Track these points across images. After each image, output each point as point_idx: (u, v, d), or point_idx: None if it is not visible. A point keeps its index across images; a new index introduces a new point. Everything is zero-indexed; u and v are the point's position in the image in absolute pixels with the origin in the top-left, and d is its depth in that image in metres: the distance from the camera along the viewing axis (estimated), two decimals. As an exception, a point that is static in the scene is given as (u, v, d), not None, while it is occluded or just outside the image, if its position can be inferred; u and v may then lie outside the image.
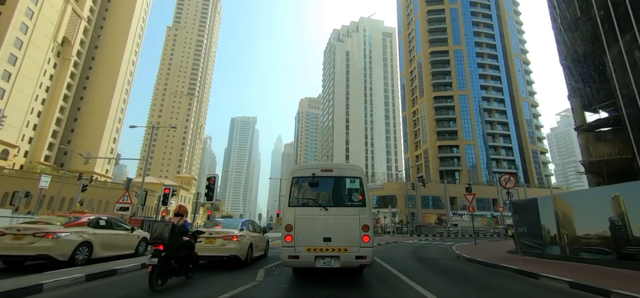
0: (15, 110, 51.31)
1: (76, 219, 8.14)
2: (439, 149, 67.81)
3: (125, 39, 78.51)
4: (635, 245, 7.46)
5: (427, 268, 8.77)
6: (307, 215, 6.20)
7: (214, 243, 7.90)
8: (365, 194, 6.39)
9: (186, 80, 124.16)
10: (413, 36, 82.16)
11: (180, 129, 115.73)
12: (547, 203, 10.79)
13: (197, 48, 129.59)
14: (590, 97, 14.94)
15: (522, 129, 69.09)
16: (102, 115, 71.81)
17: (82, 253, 7.64)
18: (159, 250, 5.39)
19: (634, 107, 11.67)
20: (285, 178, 13.75)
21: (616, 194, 8.01)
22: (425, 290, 5.59)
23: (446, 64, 73.09)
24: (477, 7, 76.51)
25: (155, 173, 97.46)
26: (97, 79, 73.27)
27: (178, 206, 6.43)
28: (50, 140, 61.88)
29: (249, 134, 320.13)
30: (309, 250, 5.91)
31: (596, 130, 14.87)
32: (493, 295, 5.84)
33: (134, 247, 9.91)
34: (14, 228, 7.46)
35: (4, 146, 50.34)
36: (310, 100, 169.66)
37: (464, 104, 69.06)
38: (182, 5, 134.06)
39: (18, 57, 51.21)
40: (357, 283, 6.25)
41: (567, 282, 6.17)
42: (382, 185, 59.02)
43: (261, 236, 10.53)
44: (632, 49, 11.67)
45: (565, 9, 15.80)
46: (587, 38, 14.49)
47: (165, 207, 24.05)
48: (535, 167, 67.52)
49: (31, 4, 53.23)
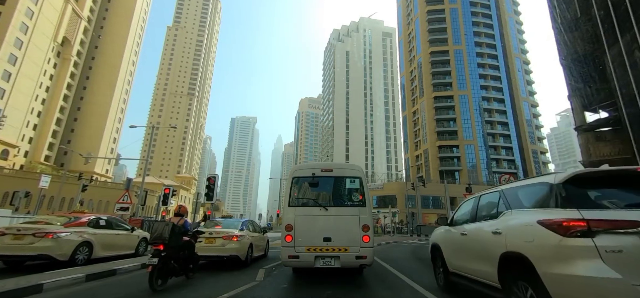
0: (15, 110, 51.32)
1: (76, 219, 8.14)
2: (439, 148, 67.82)
3: (125, 39, 78.55)
4: (635, 245, 7.42)
5: (427, 268, 8.76)
6: (307, 215, 6.20)
7: (214, 243, 7.89)
8: (365, 194, 6.39)
9: (186, 80, 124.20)
10: (413, 36, 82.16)
11: (180, 129, 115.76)
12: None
13: (197, 48, 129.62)
14: (590, 97, 14.94)
15: (522, 129, 69.10)
16: (102, 115, 71.86)
17: (82, 253, 7.64)
18: (159, 250, 5.39)
19: (634, 107, 11.67)
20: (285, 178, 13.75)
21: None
22: (425, 290, 5.59)
23: (446, 64, 73.11)
24: (477, 7, 76.52)
25: (155, 173, 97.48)
26: (97, 79, 73.31)
27: (178, 206, 6.44)
28: (50, 140, 61.91)
29: (249, 134, 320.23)
30: (309, 250, 5.91)
31: (596, 130, 14.87)
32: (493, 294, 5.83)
33: (134, 247, 9.92)
34: (14, 228, 7.46)
35: (4, 146, 50.35)
36: (310, 100, 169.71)
37: (464, 104, 69.07)
38: (182, 5, 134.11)
39: (18, 57, 51.23)
40: (357, 283, 6.24)
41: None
42: (382, 185, 59.03)
43: (261, 236, 10.53)
44: (632, 49, 11.67)
45: (565, 9, 15.81)
46: (587, 38, 14.50)
47: (165, 207, 24.05)
48: (535, 167, 67.52)
49: (31, 4, 53.24)
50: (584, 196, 2.88)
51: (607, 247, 2.45)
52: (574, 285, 2.54)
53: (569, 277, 2.57)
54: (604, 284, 2.36)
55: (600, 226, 2.56)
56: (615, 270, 2.36)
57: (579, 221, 2.63)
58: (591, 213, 2.66)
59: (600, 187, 2.99)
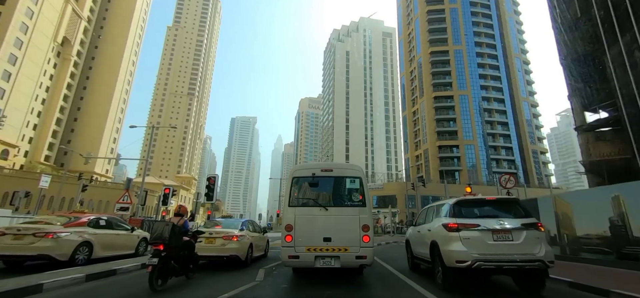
0: (16, 110, 51.31)
1: (76, 219, 8.14)
2: (439, 149, 67.80)
3: (125, 39, 78.53)
4: (635, 245, 7.46)
5: (427, 268, 8.76)
6: (307, 215, 6.20)
7: (214, 243, 7.90)
8: (365, 194, 6.39)
9: (186, 80, 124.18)
10: (413, 36, 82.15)
11: (180, 129, 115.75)
12: (547, 203, 10.79)
13: (197, 48, 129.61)
14: (590, 97, 14.94)
15: (522, 129, 69.09)
16: (102, 115, 71.85)
17: (82, 253, 7.64)
18: (159, 250, 5.39)
19: (634, 107, 11.67)
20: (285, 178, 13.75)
21: (616, 194, 8.01)
22: (425, 290, 5.59)
23: (446, 64, 73.08)
24: (477, 7, 76.50)
25: (155, 174, 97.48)
26: (97, 79, 73.30)
27: (178, 206, 6.44)
28: (50, 140, 61.90)
29: (249, 134, 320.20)
30: (309, 250, 5.91)
31: (596, 130, 14.87)
32: (493, 294, 5.84)
33: (134, 247, 9.92)
34: (14, 228, 7.47)
35: (4, 146, 50.35)
36: (310, 100, 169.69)
37: (464, 104, 69.06)
38: (182, 5, 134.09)
39: (18, 57, 51.22)
40: (357, 283, 6.25)
41: (566, 282, 6.17)
42: (382, 185, 59.01)
43: (261, 236, 10.54)
44: (632, 49, 11.67)
45: (565, 9, 15.81)
46: (587, 38, 14.50)
47: (165, 207, 24.05)
48: (535, 167, 67.53)
49: (31, 4, 53.23)
50: (459, 211, 5.67)
51: (463, 236, 5.22)
52: (451, 255, 5.24)
53: (450, 251, 5.28)
54: (460, 253, 5.11)
55: (462, 226, 5.31)
56: (465, 247, 5.13)
57: (454, 224, 5.40)
58: (460, 220, 5.42)
59: (467, 207, 5.80)
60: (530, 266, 4.97)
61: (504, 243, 5.12)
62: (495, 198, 6.05)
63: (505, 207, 5.71)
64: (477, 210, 5.73)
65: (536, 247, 5.10)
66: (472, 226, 5.25)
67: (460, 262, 5.05)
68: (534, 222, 5.34)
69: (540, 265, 4.95)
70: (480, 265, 4.92)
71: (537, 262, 4.96)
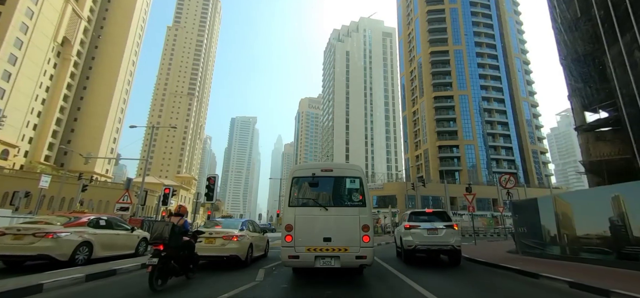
0: (15, 110, 51.30)
1: (76, 219, 8.14)
2: (439, 149, 67.80)
3: (125, 39, 78.51)
4: (635, 245, 7.46)
5: (427, 268, 8.77)
6: (307, 215, 6.20)
7: (214, 243, 7.90)
8: (365, 194, 6.39)
9: (186, 80, 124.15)
10: (413, 36, 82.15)
11: (180, 129, 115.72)
12: (547, 203, 10.79)
13: (197, 48, 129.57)
14: (590, 97, 14.93)
15: (522, 129, 69.09)
16: (102, 115, 71.83)
17: (82, 253, 7.64)
18: (159, 250, 5.39)
19: (634, 107, 11.66)
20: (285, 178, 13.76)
21: (616, 194, 8.00)
22: (426, 290, 5.60)
23: (446, 64, 73.08)
24: (477, 7, 76.50)
25: (155, 173, 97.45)
26: (97, 79, 73.27)
27: (178, 206, 6.43)
28: (50, 140, 61.89)
29: (249, 134, 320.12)
30: (309, 250, 5.91)
31: (596, 130, 14.85)
32: (493, 294, 5.84)
33: (134, 247, 9.92)
34: (14, 228, 7.46)
35: (4, 146, 50.35)
36: (310, 100, 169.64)
37: (464, 104, 69.05)
38: (182, 5, 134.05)
39: (18, 57, 51.21)
40: (357, 283, 6.25)
41: (567, 282, 6.17)
42: (382, 185, 58.99)
43: (261, 236, 10.54)
44: (632, 49, 11.66)
45: (565, 9, 15.79)
46: (587, 38, 14.48)
47: (165, 207, 24.03)
48: (535, 167, 67.53)
49: (31, 4, 53.22)
50: (412, 217, 9.97)
51: (412, 232, 9.39)
52: (406, 242, 9.41)
53: (405, 240, 9.46)
54: (409, 241, 9.29)
55: (411, 227, 9.50)
56: (412, 238, 9.28)
57: (408, 225, 9.57)
58: (411, 223, 9.64)
59: (416, 215, 10.10)
60: (446, 248, 9.09)
61: (433, 236, 9.14)
62: (432, 211, 10.27)
63: (438, 215, 9.87)
64: (421, 217, 9.89)
65: (451, 238, 9.09)
66: (417, 226, 9.40)
67: (409, 246, 9.20)
68: (451, 224, 9.29)
69: (451, 247, 9.04)
70: (417, 246, 9.09)
71: (450, 246, 9.04)
